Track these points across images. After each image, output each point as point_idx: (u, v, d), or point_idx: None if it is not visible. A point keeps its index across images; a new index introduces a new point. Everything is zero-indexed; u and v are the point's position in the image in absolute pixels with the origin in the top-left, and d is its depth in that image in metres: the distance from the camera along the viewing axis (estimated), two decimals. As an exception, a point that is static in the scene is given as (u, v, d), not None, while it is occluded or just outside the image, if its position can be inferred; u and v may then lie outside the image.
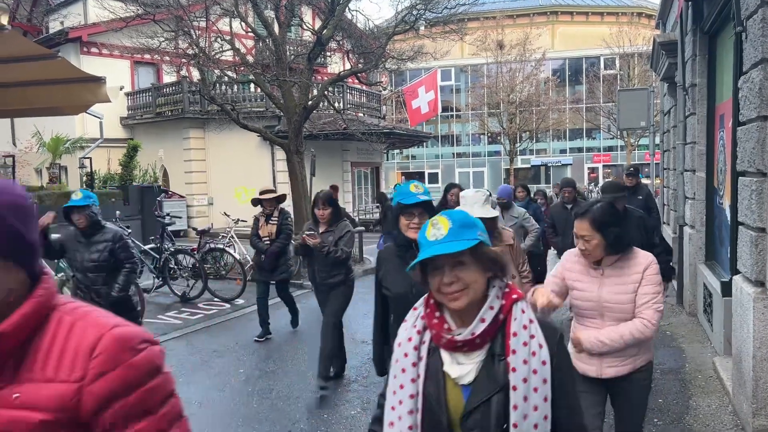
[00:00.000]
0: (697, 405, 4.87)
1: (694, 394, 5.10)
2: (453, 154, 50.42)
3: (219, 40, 12.94)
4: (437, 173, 49.80)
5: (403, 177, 48.71)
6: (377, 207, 20.43)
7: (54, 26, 22.25)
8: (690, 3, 7.39)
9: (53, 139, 15.45)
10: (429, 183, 48.78)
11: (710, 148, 7.30)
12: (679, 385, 5.33)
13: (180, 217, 16.12)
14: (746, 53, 4.34)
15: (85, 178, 13.96)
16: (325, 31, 11.93)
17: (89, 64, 19.03)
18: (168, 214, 10.69)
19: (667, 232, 10.91)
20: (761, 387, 4.07)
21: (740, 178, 4.51)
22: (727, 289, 5.29)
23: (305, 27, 13.42)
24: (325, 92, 13.38)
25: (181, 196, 19.53)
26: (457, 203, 5.07)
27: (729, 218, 5.62)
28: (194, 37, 12.01)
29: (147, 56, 16.55)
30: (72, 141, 16.22)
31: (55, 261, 7.58)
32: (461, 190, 6.82)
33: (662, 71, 10.01)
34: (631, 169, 9.09)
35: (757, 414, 4.08)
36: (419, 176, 48.98)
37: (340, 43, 14.64)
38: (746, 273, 4.32)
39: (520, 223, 6.95)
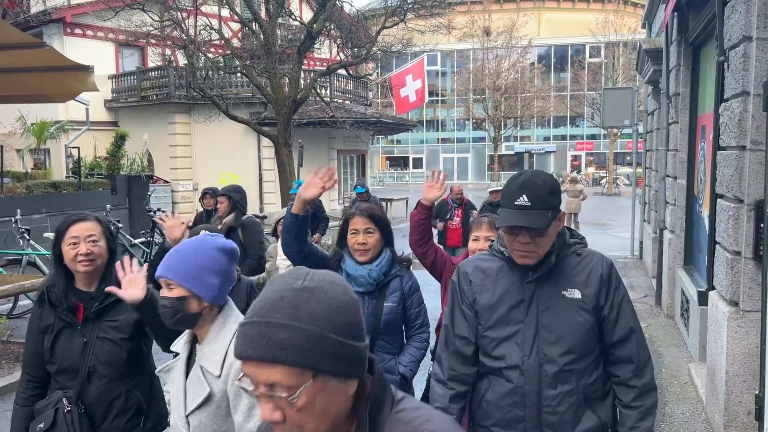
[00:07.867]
0: (672, 412, 5.12)
1: (669, 401, 5.36)
2: (438, 139, 50.57)
3: (207, 28, 12.89)
4: (422, 158, 49.97)
5: (388, 162, 48.89)
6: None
7: (36, 5, 21.84)
8: (675, 14, 7.56)
9: (38, 123, 15.30)
10: (413, 168, 49.02)
11: (691, 157, 7.53)
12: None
13: (166, 210, 15.99)
14: (727, 82, 4.52)
15: (72, 166, 13.87)
16: (315, 24, 11.95)
17: (73, 46, 18.81)
18: (159, 209, 10.74)
19: (648, 232, 11.20)
20: (733, 400, 4.32)
21: (719, 200, 4.71)
22: (703, 298, 5.53)
23: (294, 18, 13.41)
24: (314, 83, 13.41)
25: (166, 182, 19.44)
26: None
27: (707, 227, 5.86)
28: (184, 27, 11.95)
29: (132, 39, 16.39)
30: (58, 126, 16.05)
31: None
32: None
33: (647, 75, 10.20)
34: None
35: (728, 426, 4.33)
36: (404, 161, 49.19)
37: (330, 32, 14.63)
38: (722, 291, 4.54)
39: None
